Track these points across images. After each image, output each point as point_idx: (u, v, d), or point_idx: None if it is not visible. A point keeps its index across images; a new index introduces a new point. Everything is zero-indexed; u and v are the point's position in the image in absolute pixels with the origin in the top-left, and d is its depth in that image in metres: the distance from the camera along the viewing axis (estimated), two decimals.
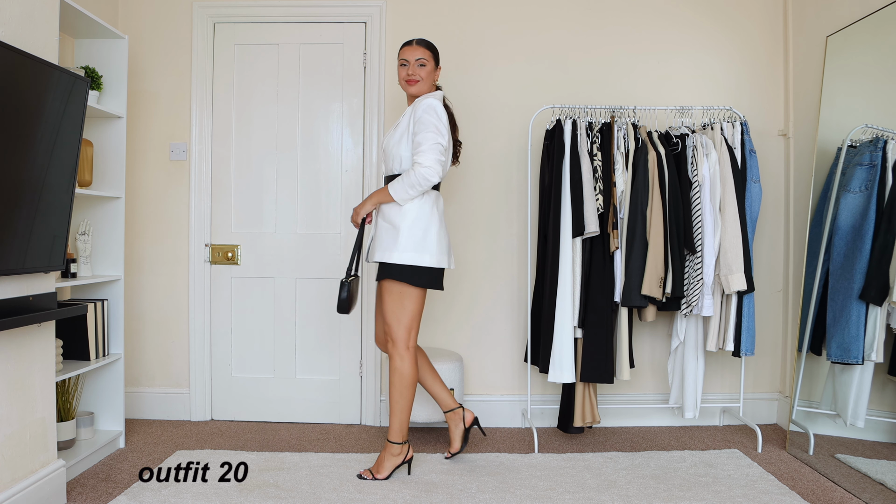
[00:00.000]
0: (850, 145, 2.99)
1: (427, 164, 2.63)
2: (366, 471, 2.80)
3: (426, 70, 2.80)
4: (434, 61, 2.84)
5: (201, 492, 2.61)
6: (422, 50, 2.80)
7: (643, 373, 3.62)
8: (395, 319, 2.74)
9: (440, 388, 2.98)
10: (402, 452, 2.81)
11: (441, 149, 2.67)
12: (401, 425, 2.79)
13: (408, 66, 2.80)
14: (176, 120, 3.63)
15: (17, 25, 2.24)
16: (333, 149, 3.64)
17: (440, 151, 2.66)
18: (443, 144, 2.68)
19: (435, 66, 2.85)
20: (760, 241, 3.61)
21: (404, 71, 2.81)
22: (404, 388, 2.77)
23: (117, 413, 3.16)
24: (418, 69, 2.79)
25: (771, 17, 3.64)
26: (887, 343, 2.82)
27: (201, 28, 3.61)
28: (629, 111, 3.31)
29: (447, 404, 2.97)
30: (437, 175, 2.65)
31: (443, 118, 2.72)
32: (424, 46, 2.82)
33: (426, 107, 2.70)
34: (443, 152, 2.68)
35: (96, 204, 3.14)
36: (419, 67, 2.79)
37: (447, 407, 2.97)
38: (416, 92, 2.81)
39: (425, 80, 2.80)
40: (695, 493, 2.63)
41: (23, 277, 2.32)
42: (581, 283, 3.16)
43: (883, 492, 2.59)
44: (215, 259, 3.64)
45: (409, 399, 2.79)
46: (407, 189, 2.65)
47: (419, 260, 2.68)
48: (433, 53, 2.84)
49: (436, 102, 2.73)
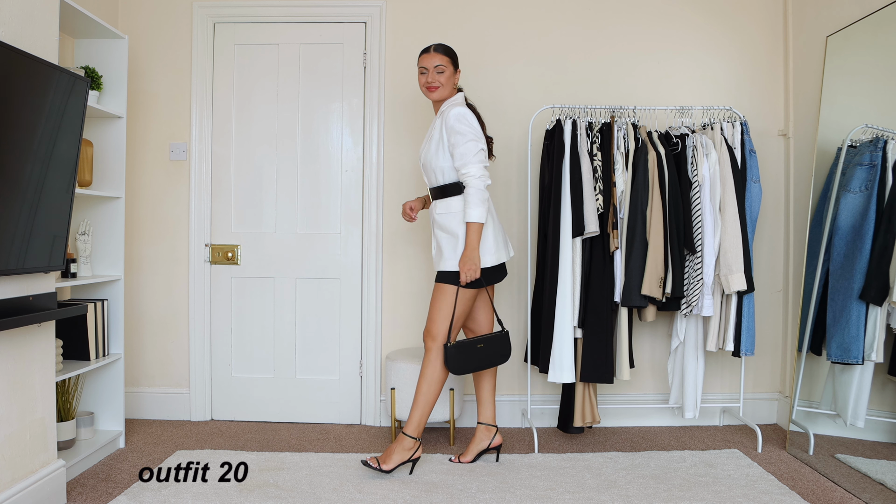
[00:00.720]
0: (850, 145, 2.99)
1: (479, 175, 2.74)
2: (372, 458, 2.80)
3: (445, 76, 2.84)
4: (453, 65, 2.88)
5: (201, 492, 2.61)
6: (439, 56, 2.84)
7: (643, 373, 3.62)
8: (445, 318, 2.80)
9: (490, 396, 3.04)
10: (413, 448, 2.82)
11: (484, 155, 2.78)
12: (420, 420, 2.82)
13: (427, 73, 2.84)
14: (176, 120, 3.63)
15: (17, 25, 2.24)
16: (333, 149, 3.64)
17: (483, 158, 2.77)
18: (484, 150, 2.79)
19: (454, 69, 2.89)
20: (760, 241, 3.61)
21: (424, 78, 2.85)
22: (433, 384, 2.82)
23: (117, 413, 3.16)
24: (437, 76, 2.83)
25: (771, 17, 3.64)
26: (887, 343, 2.82)
27: (201, 28, 3.61)
28: (629, 111, 3.31)
29: (486, 417, 3.02)
30: (488, 179, 2.77)
31: (474, 124, 2.78)
32: (442, 52, 2.85)
33: (457, 116, 2.75)
34: (485, 157, 2.79)
35: (96, 204, 3.14)
36: (438, 74, 2.83)
37: (485, 419, 3.02)
38: (438, 98, 2.87)
39: (445, 85, 2.85)
40: (695, 493, 2.63)
41: (23, 277, 2.32)
42: (581, 283, 3.16)
43: (883, 492, 2.59)
44: (215, 259, 3.64)
45: (436, 395, 2.85)
46: (479, 207, 2.73)
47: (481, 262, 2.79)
48: (451, 58, 2.88)
49: (463, 110, 2.78)
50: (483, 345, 2.86)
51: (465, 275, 2.72)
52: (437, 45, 2.87)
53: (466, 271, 2.72)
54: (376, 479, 2.78)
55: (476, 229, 2.73)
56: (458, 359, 2.79)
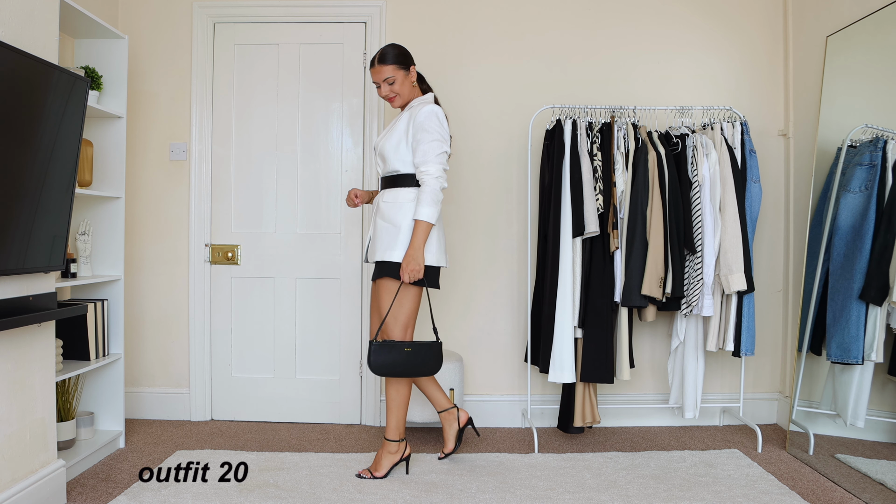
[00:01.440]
0: (850, 145, 2.99)
1: (437, 175, 2.68)
2: (364, 470, 2.80)
3: (398, 84, 2.78)
4: (403, 69, 2.78)
5: (201, 492, 2.61)
6: (384, 69, 2.76)
7: (643, 373, 3.62)
8: (393, 318, 2.74)
9: (434, 388, 2.97)
10: (399, 450, 2.82)
11: (446, 157, 2.73)
12: (397, 423, 2.80)
13: (380, 87, 2.81)
14: (176, 120, 3.63)
15: (17, 25, 2.24)
16: (333, 149, 3.64)
17: (444, 160, 2.72)
18: (447, 152, 2.74)
19: (406, 72, 2.79)
20: (760, 241, 3.61)
21: (380, 92, 2.82)
22: (400, 386, 2.78)
23: (117, 413, 3.16)
24: (389, 87, 2.78)
25: (771, 17, 3.64)
26: (887, 343, 2.81)
27: (201, 28, 3.61)
28: (629, 111, 3.31)
29: (441, 404, 2.97)
30: (445, 182, 2.72)
31: (444, 125, 2.74)
32: (383, 63, 2.76)
33: (428, 114, 2.71)
34: (446, 160, 2.73)
35: (96, 204, 3.14)
36: (389, 86, 2.78)
37: (441, 407, 2.97)
38: (401, 105, 2.85)
39: (401, 92, 2.80)
40: (695, 493, 2.63)
41: (23, 277, 2.32)
42: (581, 283, 3.16)
43: (883, 492, 2.59)
44: (215, 259, 3.64)
45: (406, 396, 2.80)
46: (431, 206, 2.67)
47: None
48: (397, 64, 2.77)
49: (436, 108, 2.73)
50: (411, 350, 2.71)
51: (407, 275, 2.63)
52: (379, 57, 2.77)
53: (409, 271, 2.63)
54: (376, 479, 2.78)
55: (424, 228, 2.65)
56: (382, 358, 2.68)
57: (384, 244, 2.73)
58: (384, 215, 2.77)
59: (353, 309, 3.63)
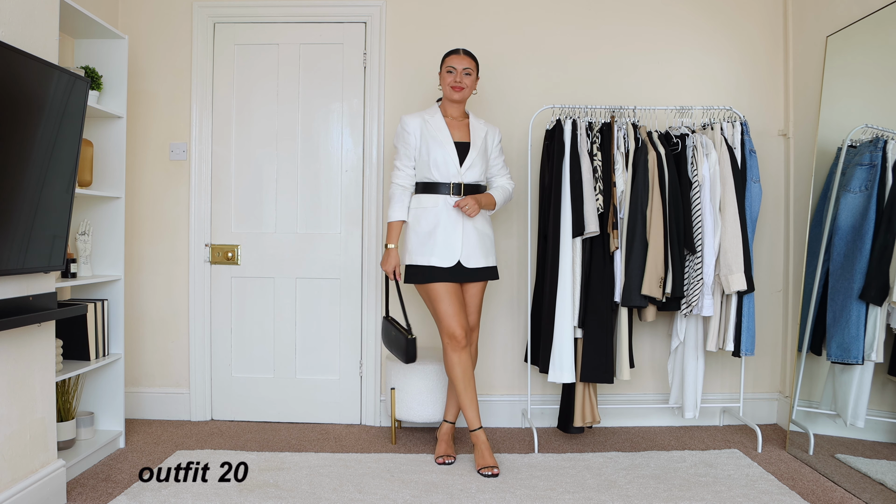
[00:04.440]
0: (850, 145, 2.99)
1: (514, 186, 3.16)
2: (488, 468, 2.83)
3: (471, 79, 2.98)
4: (476, 72, 3.01)
5: (201, 492, 2.61)
6: (469, 60, 2.97)
7: (643, 373, 3.62)
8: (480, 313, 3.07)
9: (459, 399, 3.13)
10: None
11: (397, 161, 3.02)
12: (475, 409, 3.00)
13: (454, 73, 2.95)
14: (176, 120, 3.63)
15: (17, 25, 2.24)
16: (333, 149, 3.64)
17: (397, 163, 3.02)
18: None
19: (476, 76, 3.02)
20: (760, 241, 3.61)
21: (451, 77, 2.95)
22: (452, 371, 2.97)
23: (117, 413, 3.16)
24: (465, 77, 2.96)
25: (771, 17, 3.64)
26: (887, 343, 2.82)
27: (201, 28, 3.61)
28: (629, 111, 3.31)
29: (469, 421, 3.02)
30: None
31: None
32: (472, 57, 2.99)
33: (502, 137, 3.16)
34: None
35: (96, 204, 3.14)
36: (465, 76, 2.96)
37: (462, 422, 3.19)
38: (461, 99, 2.98)
39: (469, 87, 2.98)
40: (695, 493, 2.63)
41: (23, 277, 2.32)
42: (581, 283, 3.16)
43: (883, 492, 2.59)
44: (215, 259, 3.64)
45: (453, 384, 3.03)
46: (503, 203, 3.09)
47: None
48: (477, 65, 3.02)
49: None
50: (395, 334, 2.99)
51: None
52: (466, 50, 3.02)
53: (470, 208, 2.86)
54: (376, 478, 2.78)
55: (490, 202, 2.98)
56: (384, 329, 3.10)
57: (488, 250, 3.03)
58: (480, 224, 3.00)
59: (353, 309, 3.63)
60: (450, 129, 2.96)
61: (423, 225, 2.91)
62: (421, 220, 2.92)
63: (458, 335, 2.87)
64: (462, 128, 3.00)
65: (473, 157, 2.95)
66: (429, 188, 2.94)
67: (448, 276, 2.89)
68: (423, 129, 2.95)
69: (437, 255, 2.88)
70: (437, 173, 2.91)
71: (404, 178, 2.98)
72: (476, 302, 3.03)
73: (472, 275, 2.94)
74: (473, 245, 2.92)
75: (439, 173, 2.91)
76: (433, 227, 2.89)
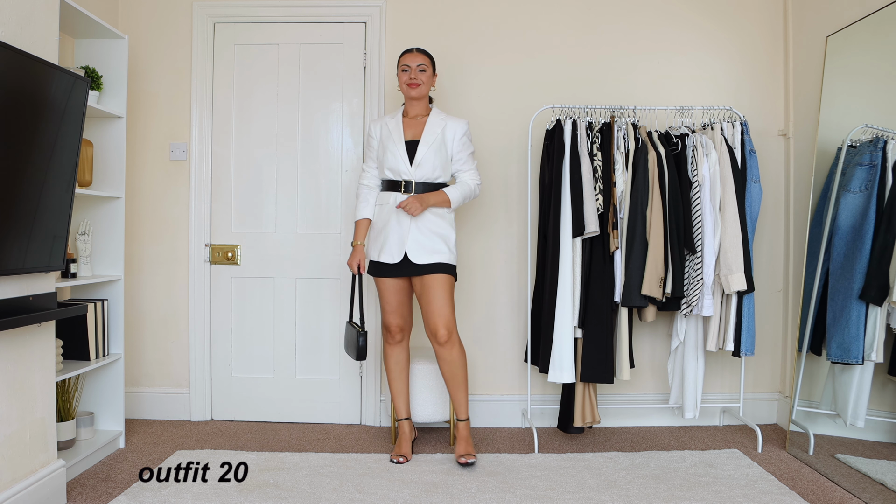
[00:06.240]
0: (850, 145, 2.99)
1: (478, 183, 3.07)
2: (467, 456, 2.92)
3: (426, 75, 3.01)
4: (432, 68, 3.05)
5: (201, 492, 2.61)
6: (422, 56, 3.02)
7: (643, 373, 3.62)
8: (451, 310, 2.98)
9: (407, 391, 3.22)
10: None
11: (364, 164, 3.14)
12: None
13: (409, 70, 2.99)
14: (176, 120, 3.63)
15: (17, 25, 2.24)
16: (333, 149, 3.64)
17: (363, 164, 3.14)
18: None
19: (433, 72, 3.05)
20: (760, 241, 3.61)
21: (406, 76, 3.00)
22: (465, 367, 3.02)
23: (117, 413, 3.16)
24: (419, 74, 2.99)
25: (771, 17, 3.64)
26: (887, 343, 2.82)
27: (201, 28, 3.61)
28: (629, 111, 3.31)
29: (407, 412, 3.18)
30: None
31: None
32: (424, 54, 3.03)
33: (467, 130, 3.04)
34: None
35: (96, 204, 3.14)
36: (420, 73, 2.99)
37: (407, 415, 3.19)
38: (418, 95, 3.00)
39: (426, 83, 3.02)
40: (695, 493, 2.63)
41: (23, 277, 2.32)
42: (581, 283, 3.16)
43: (883, 492, 2.59)
44: (215, 259, 3.64)
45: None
46: (461, 200, 3.01)
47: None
48: (432, 61, 3.06)
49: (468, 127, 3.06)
50: (350, 331, 3.03)
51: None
52: (418, 48, 3.07)
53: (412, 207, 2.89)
54: (376, 478, 2.78)
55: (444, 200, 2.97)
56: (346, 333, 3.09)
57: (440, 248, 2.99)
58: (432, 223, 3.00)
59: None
60: (405, 128, 3.02)
61: (377, 223, 3.03)
62: (378, 217, 3.03)
63: (391, 329, 3.05)
64: (419, 125, 3.02)
65: (423, 154, 2.95)
66: (386, 187, 3.03)
67: (395, 272, 2.96)
68: (382, 131, 3.05)
69: (385, 251, 2.96)
70: (389, 173, 2.99)
71: (368, 179, 3.10)
72: (437, 297, 2.90)
73: (420, 270, 2.93)
74: (419, 242, 2.91)
75: (392, 172, 2.99)
76: (384, 224, 2.98)
